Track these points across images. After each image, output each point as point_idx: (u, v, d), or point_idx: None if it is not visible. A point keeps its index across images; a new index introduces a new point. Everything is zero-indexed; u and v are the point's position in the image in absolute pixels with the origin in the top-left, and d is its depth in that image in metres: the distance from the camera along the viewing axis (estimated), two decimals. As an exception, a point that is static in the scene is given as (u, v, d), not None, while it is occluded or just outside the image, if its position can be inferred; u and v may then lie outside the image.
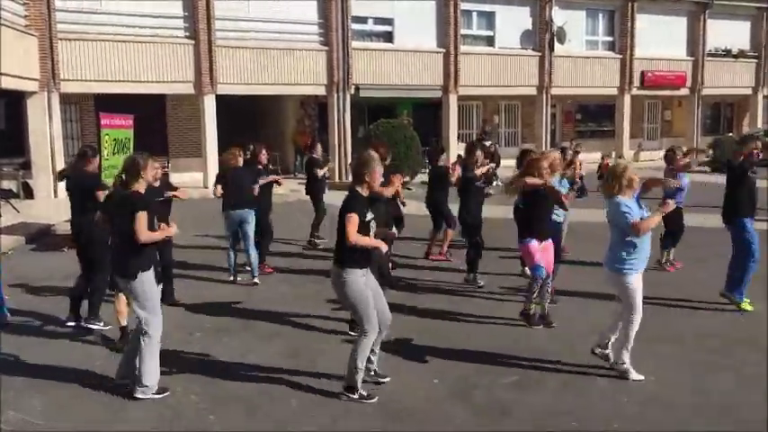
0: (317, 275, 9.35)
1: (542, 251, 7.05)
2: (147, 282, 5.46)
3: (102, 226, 6.39)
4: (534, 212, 7.12)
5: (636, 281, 5.72)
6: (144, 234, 5.36)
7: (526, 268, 8.00)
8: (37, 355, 6.41)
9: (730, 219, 7.81)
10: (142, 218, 5.34)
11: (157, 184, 6.79)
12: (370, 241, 5.24)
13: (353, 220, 5.11)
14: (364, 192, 5.30)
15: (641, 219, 5.64)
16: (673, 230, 9.57)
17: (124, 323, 6.64)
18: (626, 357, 5.81)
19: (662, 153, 29.21)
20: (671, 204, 6.01)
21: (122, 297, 6.51)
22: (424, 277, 9.42)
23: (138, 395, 5.41)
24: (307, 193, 11.96)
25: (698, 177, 16.75)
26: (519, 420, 5.09)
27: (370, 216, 5.22)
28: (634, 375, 5.77)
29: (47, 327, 7.33)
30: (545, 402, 5.38)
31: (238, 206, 8.95)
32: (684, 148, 10.57)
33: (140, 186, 5.53)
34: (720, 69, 28.82)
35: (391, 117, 22.27)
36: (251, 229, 8.99)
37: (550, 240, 7.23)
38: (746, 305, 7.71)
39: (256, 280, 9.04)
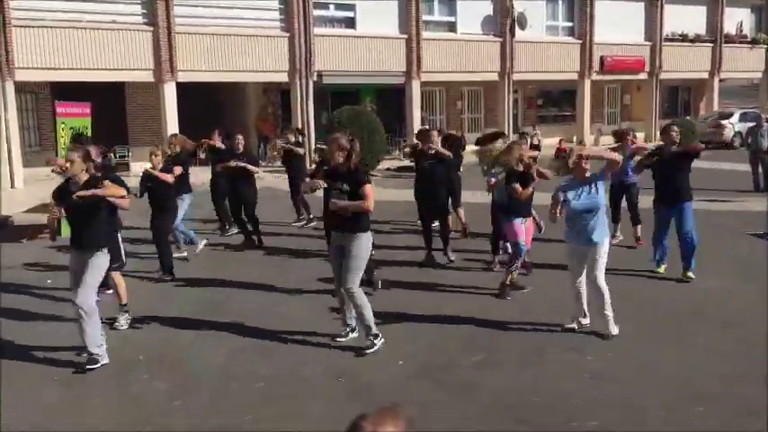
0: (281, 259, 9.35)
1: (525, 228, 7.71)
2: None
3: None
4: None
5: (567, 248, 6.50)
6: None
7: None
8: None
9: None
10: None
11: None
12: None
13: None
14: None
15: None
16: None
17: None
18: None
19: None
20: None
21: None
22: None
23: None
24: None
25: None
26: (484, 396, 5.19)
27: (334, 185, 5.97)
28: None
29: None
30: (508, 378, 5.49)
31: None
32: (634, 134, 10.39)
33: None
34: (678, 54, 29.36)
35: (354, 103, 22.26)
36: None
37: (530, 218, 7.98)
38: (660, 269, 8.35)
39: (185, 254, 9.70)
